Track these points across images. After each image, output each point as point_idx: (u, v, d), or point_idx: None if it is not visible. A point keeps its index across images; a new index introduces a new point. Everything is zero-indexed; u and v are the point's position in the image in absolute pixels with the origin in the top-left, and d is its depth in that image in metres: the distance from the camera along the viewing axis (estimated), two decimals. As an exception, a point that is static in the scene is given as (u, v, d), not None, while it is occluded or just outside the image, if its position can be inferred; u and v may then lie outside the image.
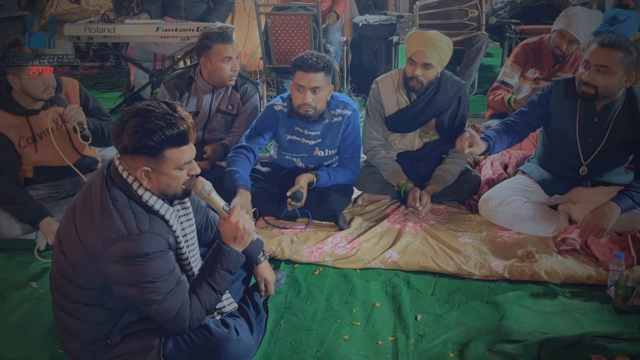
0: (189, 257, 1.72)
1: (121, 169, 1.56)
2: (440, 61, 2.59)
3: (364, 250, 2.45)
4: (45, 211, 2.56)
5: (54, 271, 1.64)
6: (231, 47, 2.80)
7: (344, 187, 2.74)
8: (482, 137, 2.46)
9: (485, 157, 3.11)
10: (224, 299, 1.82)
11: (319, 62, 2.46)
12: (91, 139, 2.54)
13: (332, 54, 4.39)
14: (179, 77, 2.94)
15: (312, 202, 2.63)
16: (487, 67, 5.63)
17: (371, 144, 2.81)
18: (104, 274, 1.53)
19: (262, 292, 2.05)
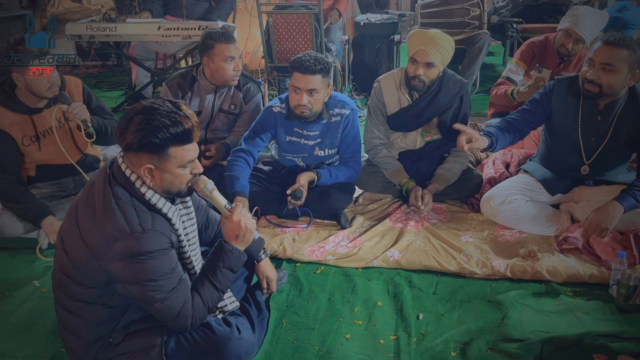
0: (190, 256, 1.72)
1: (124, 167, 1.56)
2: (442, 60, 2.59)
3: (366, 249, 2.45)
4: (47, 210, 2.56)
5: (56, 270, 1.65)
6: (234, 47, 2.80)
7: (345, 185, 2.75)
8: (483, 134, 2.46)
9: (487, 156, 3.11)
10: (226, 297, 1.83)
11: (316, 65, 2.44)
12: (95, 136, 2.54)
13: (333, 52, 4.38)
14: (182, 77, 2.94)
15: (314, 201, 2.63)
16: (488, 66, 5.62)
17: (373, 142, 2.81)
18: (106, 272, 1.53)
19: (264, 290, 2.05)
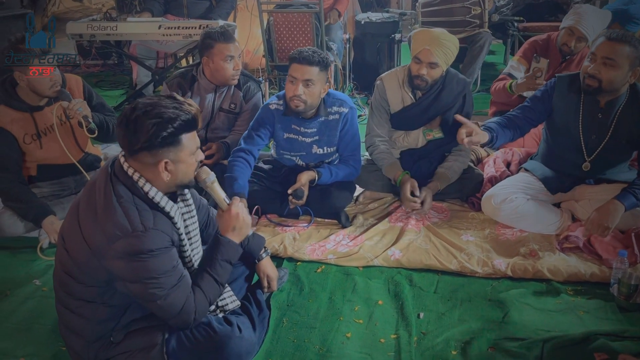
0: (190, 255, 1.72)
1: (126, 166, 1.56)
2: (446, 60, 2.59)
3: (367, 248, 2.45)
4: (48, 209, 2.56)
5: (57, 269, 1.65)
6: (233, 46, 2.79)
7: (345, 184, 2.74)
8: (484, 129, 2.46)
9: (488, 154, 3.11)
10: (227, 296, 1.83)
11: (314, 56, 2.45)
12: (97, 132, 2.53)
13: (334, 51, 4.38)
14: (182, 76, 2.93)
15: (314, 200, 2.63)
16: (489, 65, 5.62)
17: (373, 140, 2.80)
18: (107, 271, 1.53)
19: (264, 289, 2.05)
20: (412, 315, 2.03)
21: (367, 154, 2.98)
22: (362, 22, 4.81)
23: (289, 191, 2.57)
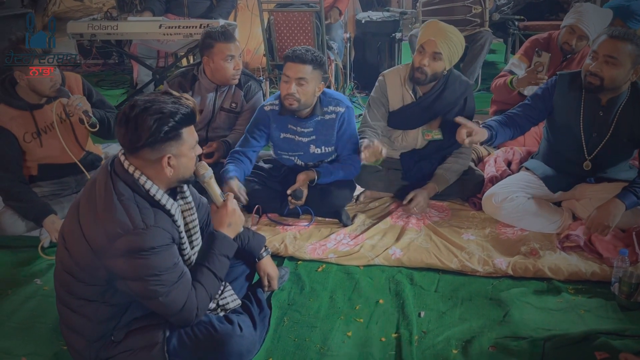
0: (190, 253, 1.73)
1: (127, 164, 1.56)
2: (449, 55, 2.57)
3: (367, 247, 2.45)
4: (49, 209, 2.56)
5: (58, 268, 1.65)
6: (233, 46, 2.79)
7: (345, 182, 2.73)
8: (483, 126, 2.46)
9: (489, 153, 3.11)
10: (228, 295, 1.83)
11: (306, 54, 2.45)
12: (98, 126, 2.53)
13: (335, 50, 4.38)
14: (182, 76, 2.93)
15: (314, 199, 2.63)
16: (490, 64, 5.61)
17: (363, 129, 2.72)
18: (108, 270, 1.53)
19: (265, 288, 2.05)
20: (412, 314, 2.03)
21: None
22: (363, 21, 4.80)
23: (288, 192, 2.57)
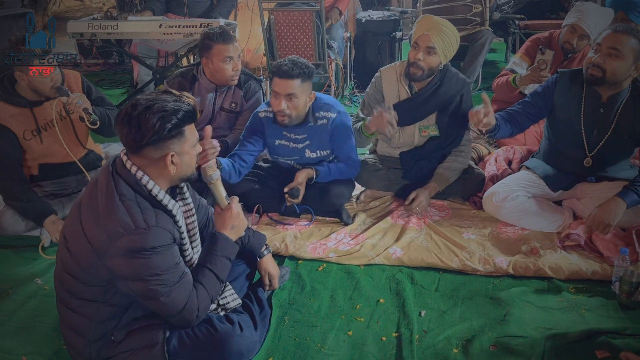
0: (191, 253, 1.73)
1: (129, 164, 1.56)
2: (444, 49, 2.55)
3: (368, 246, 2.45)
4: (50, 209, 2.56)
5: (58, 268, 1.65)
6: (232, 47, 2.78)
7: (344, 181, 2.72)
8: None
9: (489, 153, 3.10)
10: (228, 294, 1.83)
11: (294, 69, 2.39)
12: (99, 123, 2.53)
13: (335, 50, 4.38)
14: (182, 76, 2.93)
15: (313, 198, 2.62)
16: (491, 63, 5.61)
17: (354, 121, 2.71)
18: (109, 270, 1.53)
19: (266, 286, 2.06)
20: (413, 313, 2.03)
21: (366, 154, 2.98)
22: (363, 21, 4.80)
23: (285, 190, 2.56)
